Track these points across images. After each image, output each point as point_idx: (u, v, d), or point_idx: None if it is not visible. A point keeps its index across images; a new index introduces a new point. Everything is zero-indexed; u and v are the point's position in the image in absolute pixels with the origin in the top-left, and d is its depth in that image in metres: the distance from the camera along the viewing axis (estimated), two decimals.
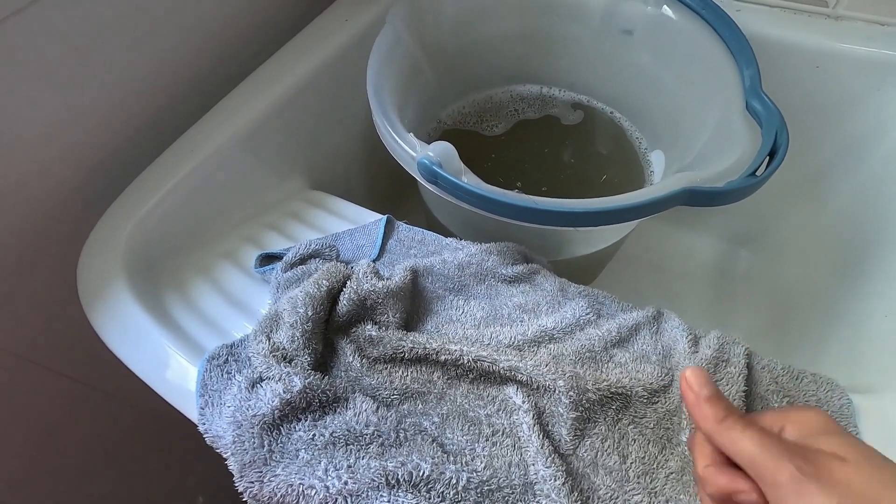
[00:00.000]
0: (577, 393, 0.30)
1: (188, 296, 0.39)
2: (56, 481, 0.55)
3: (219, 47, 0.48)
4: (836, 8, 0.48)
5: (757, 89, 0.41)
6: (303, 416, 0.29)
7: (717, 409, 0.23)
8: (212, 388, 0.31)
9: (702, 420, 0.23)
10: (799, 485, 0.20)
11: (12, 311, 0.43)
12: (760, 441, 0.21)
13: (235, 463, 0.28)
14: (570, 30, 0.56)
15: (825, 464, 0.20)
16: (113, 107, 0.42)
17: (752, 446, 0.21)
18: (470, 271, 0.38)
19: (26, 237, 0.41)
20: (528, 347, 0.33)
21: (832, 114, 0.51)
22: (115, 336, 0.36)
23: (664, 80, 0.52)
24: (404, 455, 0.28)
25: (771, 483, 0.21)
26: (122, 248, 0.38)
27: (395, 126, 0.39)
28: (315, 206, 0.48)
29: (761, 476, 0.21)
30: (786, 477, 0.20)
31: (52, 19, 0.36)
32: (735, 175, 0.36)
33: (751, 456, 0.21)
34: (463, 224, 0.51)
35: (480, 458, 0.29)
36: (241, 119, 0.45)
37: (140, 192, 0.41)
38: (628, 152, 0.57)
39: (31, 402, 0.48)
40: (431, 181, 0.36)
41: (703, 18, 0.47)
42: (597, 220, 0.35)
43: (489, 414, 0.31)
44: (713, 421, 0.23)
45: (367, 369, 0.32)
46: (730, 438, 0.22)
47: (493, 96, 0.62)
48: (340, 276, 0.34)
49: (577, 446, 0.30)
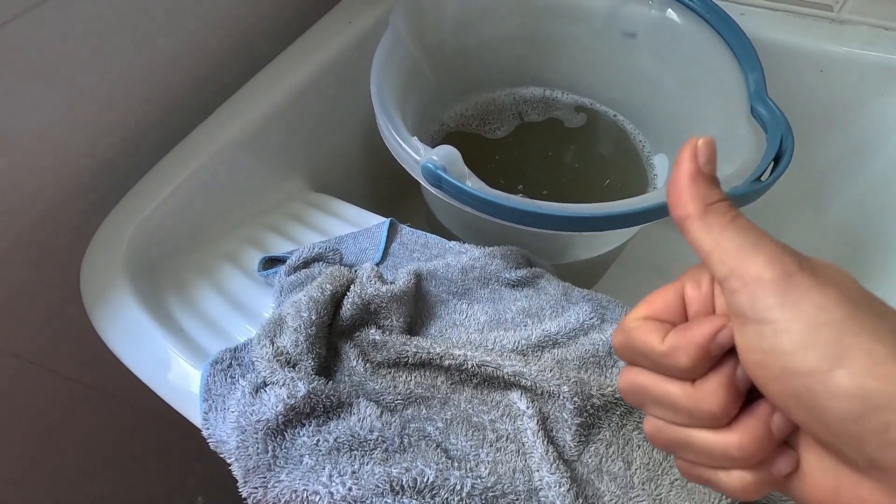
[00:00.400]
0: (582, 398, 0.30)
1: (190, 298, 0.39)
2: (56, 481, 0.55)
3: (222, 50, 0.48)
4: (840, 12, 0.48)
5: (762, 94, 0.41)
6: (307, 421, 0.29)
7: (714, 192, 0.19)
8: (215, 393, 0.31)
9: (690, 198, 0.19)
10: (789, 278, 0.16)
11: (14, 311, 0.42)
12: (753, 230, 0.18)
13: (239, 468, 0.28)
14: (572, 32, 0.56)
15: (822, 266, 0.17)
16: (116, 109, 0.42)
17: (741, 233, 0.18)
18: (473, 275, 0.38)
19: (29, 238, 0.40)
20: (532, 352, 0.33)
21: (835, 118, 0.51)
22: (116, 337, 0.36)
23: (667, 83, 0.52)
24: (409, 461, 0.28)
25: (752, 277, 0.17)
26: (125, 249, 0.38)
27: (398, 129, 0.39)
28: (317, 207, 0.47)
29: (740, 270, 0.17)
30: (774, 269, 0.17)
31: (54, 23, 0.36)
32: (739, 180, 0.36)
33: (736, 244, 0.18)
34: (465, 227, 0.51)
35: (485, 463, 0.29)
36: (243, 121, 0.45)
37: (143, 194, 0.40)
38: (632, 155, 0.57)
39: (32, 402, 0.48)
40: (435, 185, 0.35)
41: (707, 22, 0.47)
42: (601, 225, 0.35)
43: (493, 419, 0.31)
44: (703, 203, 0.19)
45: (371, 374, 0.32)
46: (717, 224, 0.18)
47: (495, 98, 0.62)
48: (344, 280, 0.34)
49: (582, 452, 0.30)
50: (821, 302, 0.16)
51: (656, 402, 0.20)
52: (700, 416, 0.19)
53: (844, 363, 0.15)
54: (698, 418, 0.19)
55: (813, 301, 0.16)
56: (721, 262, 0.18)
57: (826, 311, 0.16)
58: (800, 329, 0.16)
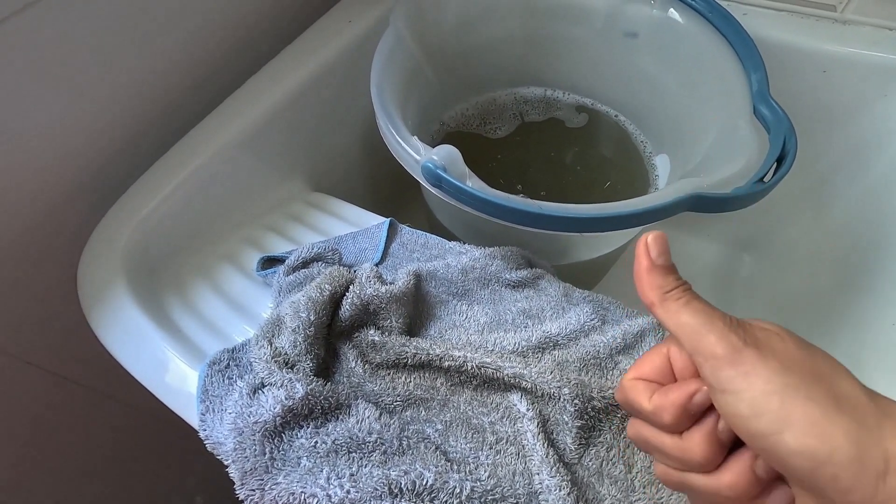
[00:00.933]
0: (582, 401, 0.30)
1: (188, 298, 0.39)
2: (54, 481, 0.55)
3: (221, 49, 0.48)
4: (843, 12, 0.48)
5: (765, 94, 0.41)
6: (305, 423, 0.28)
7: (668, 280, 0.22)
8: (213, 394, 0.31)
9: (648, 289, 0.22)
10: (738, 353, 0.19)
11: (11, 312, 0.42)
12: (704, 312, 0.21)
13: (236, 470, 0.27)
14: (573, 32, 0.56)
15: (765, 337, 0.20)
16: (114, 108, 0.42)
17: (695, 317, 0.20)
18: (474, 276, 0.37)
19: (26, 238, 0.40)
20: (532, 354, 0.33)
21: (838, 118, 0.51)
22: (114, 338, 0.36)
23: (669, 83, 0.52)
24: (407, 463, 0.27)
25: (709, 354, 0.20)
26: (123, 249, 0.38)
27: (398, 129, 0.38)
28: (316, 208, 0.47)
29: (699, 348, 0.20)
30: (724, 347, 0.19)
31: (53, 20, 0.35)
32: (742, 181, 0.36)
33: (692, 327, 0.20)
34: (465, 227, 0.51)
35: (484, 466, 0.28)
36: (242, 120, 0.44)
37: (141, 194, 0.40)
38: (633, 156, 0.56)
39: (30, 402, 0.48)
40: (436, 185, 0.35)
41: (710, 21, 0.47)
42: (602, 225, 0.35)
43: (493, 421, 0.31)
44: (660, 291, 0.22)
45: (370, 375, 0.32)
46: (674, 309, 0.21)
47: (496, 98, 0.61)
48: (343, 281, 0.34)
49: (582, 455, 0.29)
50: (764, 374, 0.19)
51: (656, 451, 0.23)
52: (690, 464, 0.21)
53: (788, 427, 0.18)
54: (689, 465, 0.22)
55: (759, 374, 0.19)
56: (684, 341, 0.21)
57: (770, 382, 0.18)
58: (752, 398, 0.19)
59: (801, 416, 0.18)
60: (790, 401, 0.18)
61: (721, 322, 0.20)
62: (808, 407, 0.18)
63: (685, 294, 0.22)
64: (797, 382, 0.18)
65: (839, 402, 0.18)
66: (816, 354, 0.20)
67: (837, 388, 0.18)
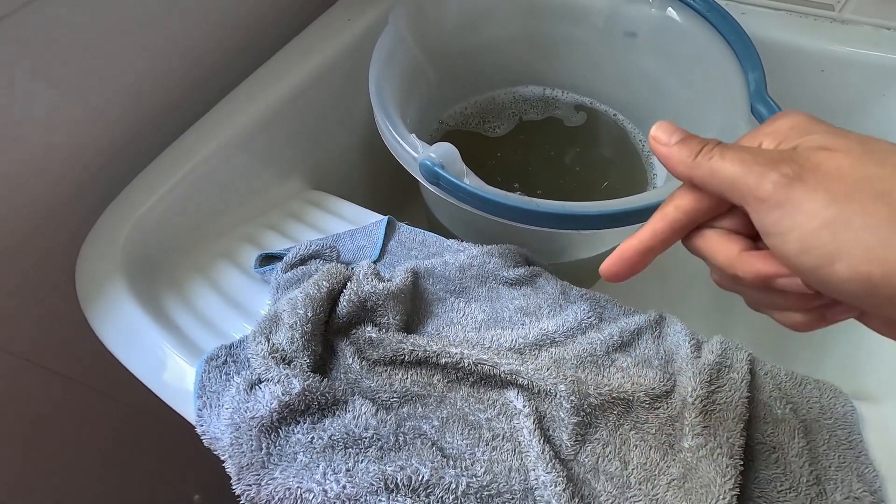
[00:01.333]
0: (579, 397, 0.30)
1: (186, 296, 0.39)
2: (53, 479, 0.55)
3: (221, 47, 0.48)
4: (842, 12, 0.48)
5: (762, 93, 0.41)
6: (301, 418, 0.28)
7: (691, 146, 0.21)
8: (210, 390, 0.31)
9: (679, 164, 0.21)
10: (782, 191, 0.18)
11: (10, 310, 0.42)
12: (742, 158, 0.19)
13: (233, 465, 0.27)
14: (573, 31, 0.56)
15: (811, 159, 0.18)
16: (113, 106, 0.42)
17: (732, 166, 0.19)
18: (471, 273, 0.37)
19: (24, 236, 0.40)
20: (529, 351, 0.33)
21: (837, 118, 0.50)
22: (112, 336, 0.36)
23: (668, 82, 0.52)
24: (403, 459, 0.27)
25: (755, 200, 0.19)
26: (121, 247, 0.38)
27: (397, 127, 0.39)
28: (315, 206, 0.47)
29: (745, 197, 0.19)
30: (768, 187, 0.18)
31: (51, 19, 0.36)
32: None
33: (732, 177, 0.19)
34: (464, 225, 0.51)
35: (480, 462, 0.28)
36: (241, 118, 0.45)
37: (139, 192, 0.40)
38: (631, 155, 0.56)
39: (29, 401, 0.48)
40: (433, 182, 0.35)
41: (708, 21, 0.47)
42: (599, 223, 0.35)
43: (489, 418, 0.31)
44: (690, 158, 0.21)
45: (367, 372, 0.32)
46: (709, 168, 0.20)
47: (495, 97, 0.61)
48: (341, 278, 0.34)
49: (578, 452, 0.29)
50: (811, 208, 0.18)
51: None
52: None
53: (839, 258, 0.17)
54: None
55: (804, 210, 0.18)
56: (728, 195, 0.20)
57: (817, 217, 0.18)
58: (800, 237, 0.18)
59: (853, 245, 0.17)
60: (841, 232, 0.17)
61: (760, 163, 0.19)
62: (862, 235, 0.17)
63: (715, 148, 0.20)
64: (850, 211, 0.17)
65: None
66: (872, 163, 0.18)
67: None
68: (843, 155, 0.18)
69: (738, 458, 0.28)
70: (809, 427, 0.30)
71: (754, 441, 0.29)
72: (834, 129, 0.20)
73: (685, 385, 0.30)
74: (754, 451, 0.29)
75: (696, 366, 0.31)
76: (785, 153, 0.19)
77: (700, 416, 0.29)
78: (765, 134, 0.21)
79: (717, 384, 0.30)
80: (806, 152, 0.19)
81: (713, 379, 0.30)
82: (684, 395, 0.30)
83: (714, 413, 0.29)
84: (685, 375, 0.31)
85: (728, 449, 0.28)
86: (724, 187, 0.20)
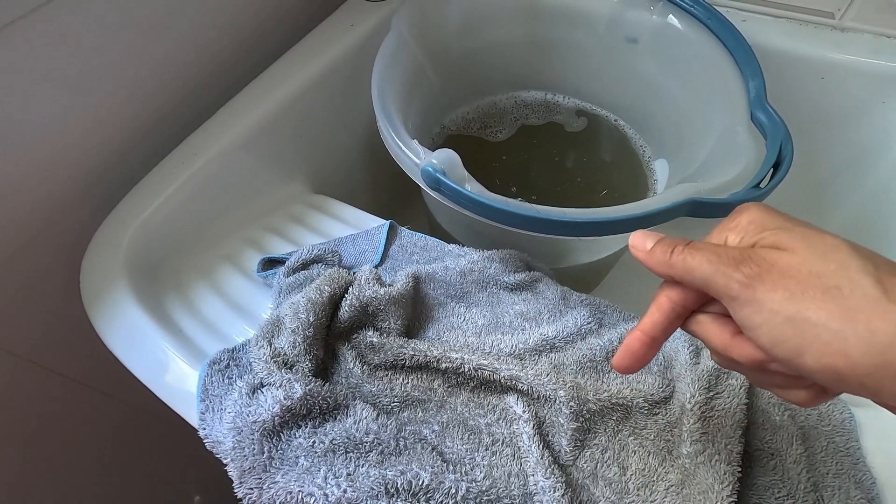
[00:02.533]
0: (578, 403, 0.30)
1: (189, 299, 0.39)
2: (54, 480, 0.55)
3: (224, 51, 0.49)
4: (842, 20, 0.48)
5: (762, 101, 0.41)
6: (303, 422, 0.29)
7: (666, 247, 0.23)
8: (213, 393, 0.31)
9: (658, 266, 0.23)
10: (748, 291, 0.20)
11: (14, 311, 0.43)
12: (709, 258, 0.21)
13: (235, 469, 0.28)
14: (574, 37, 0.56)
15: (766, 259, 0.20)
16: (118, 110, 0.42)
17: (704, 265, 0.21)
18: (472, 278, 0.38)
19: (30, 239, 0.41)
20: (529, 356, 0.33)
21: (837, 125, 0.51)
22: (116, 338, 0.36)
23: (669, 88, 0.52)
24: (404, 464, 0.28)
25: (727, 298, 0.20)
26: (125, 250, 0.38)
27: (398, 132, 0.39)
28: (317, 209, 0.47)
29: (718, 293, 0.21)
30: (735, 287, 0.20)
31: (57, 24, 0.36)
32: (739, 186, 0.36)
33: (704, 276, 0.21)
34: (465, 230, 0.51)
35: (480, 467, 0.29)
36: (244, 122, 0.45)
37: (143, 195, 0.41)
38: (632, 160, 0.57)
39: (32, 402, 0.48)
40: (435, 189, 0.36)
41: (709, 28, 0.47)
42: (600, 230, 0.35)
43: (489, 423, 0.31)
44: (666, 258, 0.22)
45: (368, 376, 0.32)
46: (684, 267, 0.22)
47: (497, 102, 0.62)
48: (342, 282, 0.34)
49: (577, 457, 0.30)
50: (773, 306, 0.19)
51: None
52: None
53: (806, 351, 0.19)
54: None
55: (768, 307, 0.19)
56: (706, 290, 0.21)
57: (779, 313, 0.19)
58: (769, 331, 0.19)
59: (813, 339, 0.18)
60: (801, 326, 0.18)
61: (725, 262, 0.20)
62: (819, 330, 0.18)
63: (686, 248, 0.22)
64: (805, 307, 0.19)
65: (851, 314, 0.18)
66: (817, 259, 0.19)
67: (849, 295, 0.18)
68: (790, 254, 0.20)
69: (737, 464, 0.28)
70: (807, 434, 0.30)
71: (752, 447, 0.30)
72: (784, 223, 0.21)
73: (684, 391, 0.31)
74: (752, 457, 0.29)
75: (695, 372, 0.31)
76: (745, 252, 0.21)
77: (698, 423, 0.29)
78: (729, 229, 0.22)
79: (715, 390, 0.30)
80: (762, 251, 0.20)
81: (712, 385, 0.30)
82: (683, 402, 0.30)
83: (712, 419, 0.29)
84: (684, 381, 0.31)
85: (726, 455, 0.28)
86: (700, 284, 0.21)
